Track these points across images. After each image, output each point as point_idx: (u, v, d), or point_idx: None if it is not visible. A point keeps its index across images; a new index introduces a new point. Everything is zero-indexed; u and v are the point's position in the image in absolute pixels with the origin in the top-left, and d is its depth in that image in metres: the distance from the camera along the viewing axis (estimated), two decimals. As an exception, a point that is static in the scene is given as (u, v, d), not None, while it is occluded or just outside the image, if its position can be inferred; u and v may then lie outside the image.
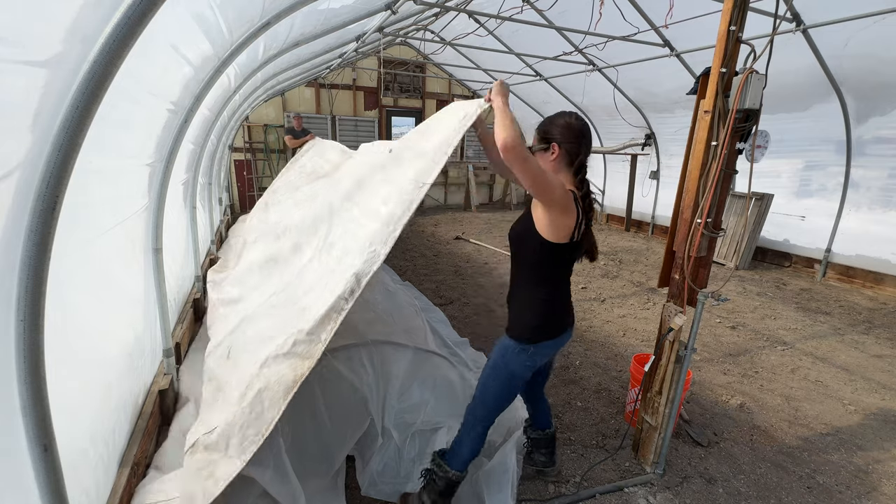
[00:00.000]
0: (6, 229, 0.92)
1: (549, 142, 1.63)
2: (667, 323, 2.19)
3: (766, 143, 5.59)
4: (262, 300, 2.50)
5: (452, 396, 2.43)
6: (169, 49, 1.87)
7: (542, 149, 1.65)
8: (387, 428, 2.17)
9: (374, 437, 2.15)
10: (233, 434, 1.57)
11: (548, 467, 2.23)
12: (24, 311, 0.92)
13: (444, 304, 4.54)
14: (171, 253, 2.76)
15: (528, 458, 2.26)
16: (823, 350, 3.89)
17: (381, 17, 4.16)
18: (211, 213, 5.14)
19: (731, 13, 1.87)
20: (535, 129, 1.70)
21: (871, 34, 4.27)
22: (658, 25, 5.28)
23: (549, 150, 1.63)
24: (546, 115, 8.59)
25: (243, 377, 1.73)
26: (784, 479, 2.35)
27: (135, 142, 1.96)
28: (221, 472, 1.53)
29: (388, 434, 2.16)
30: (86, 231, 1.54)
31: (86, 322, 1.55)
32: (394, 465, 2.10)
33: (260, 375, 1.65)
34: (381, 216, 1.84)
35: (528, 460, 2.26)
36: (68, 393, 1.30)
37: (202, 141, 3.60)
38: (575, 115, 1.67)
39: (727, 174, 2.01)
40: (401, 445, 2.15)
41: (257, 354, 1.78)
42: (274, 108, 8.87)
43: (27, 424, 0.97)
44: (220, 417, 1.65)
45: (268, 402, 1.58)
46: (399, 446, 2.15)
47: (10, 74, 0.89)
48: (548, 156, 1.64)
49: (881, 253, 5.35)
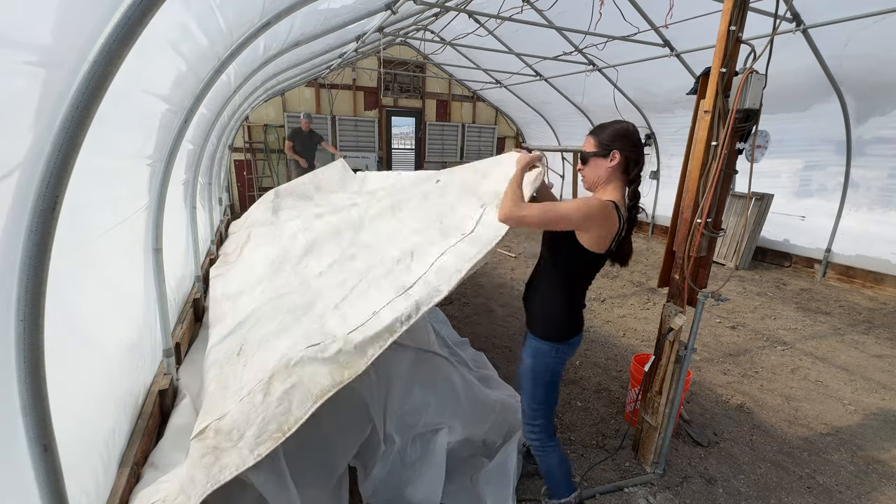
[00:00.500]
0: (6, 229, 0.92)
1: (609, 149, 1.61)
2: (667, 323, 2.19)
3: (766, 143, 5.59)
4: (272, 295, 2.49)
5: (454, 397, 2.42)
6: (169, 49, 1.87)
7: (601, 154, 1.63)
8: (389, 433, 2.15)
9: (376, 444, 2.12)
10: (250, 425, 1.54)
11: None
12: (24, 311, 0.92)
13: (443, 304, 4.54)
14: (171, 253, 2.76)
15: (528, 457, 2.26)
16: (823, 350, 3.89)
17: (381, 17, 4.16)
18: (211, 213, 5.14)
19: (731, 13, 1.87)
20: (589, 136, 1.68)
21: (871, 34, 4.27)
22: (658, 25, 5.28)
23: (608, 157, 1.62)
24: (546, 115, 8.58)
25: (262, 371, 1.70)
26: (784, 479, 2.35)
27: (134, 142, 1.96)
28: (228, 461, 1.50)
29: (390, 440, 2.14)
30: (86, 231, 1.54)
31: (86, 322, 1.55)
32: (396, 472, 2.08)
33: (290, 373, 1.62)
34: (455, 249, 1.87)
35: (529, 459, 2.26)
36: (68, 393, 1.30)
37: (202, 141, 3.59)
38: (633, 125, 1.67)
39: (727, 174, 2.01)
40: (402, 450, 2.13)
41: (281, 350, 1.77)
42: (274, 108, 8.86)
43: (27, 424, 0.97)
44: (234, 407, 1.61)
45: (297, 400, 1.56)
46: (401, 451, 2.13)
47: (11, 74, 0.89)
48: (605, 162, 1.63)
49: (881, 253, 5.35)
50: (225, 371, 1.99)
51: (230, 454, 1.51)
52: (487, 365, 3.19)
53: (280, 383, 1.61)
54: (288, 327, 2.00)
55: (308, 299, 2.24)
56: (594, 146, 1.65)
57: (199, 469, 1.50)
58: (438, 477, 2.03)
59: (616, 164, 1.61)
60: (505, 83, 9.33)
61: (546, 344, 1.76)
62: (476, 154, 11.08)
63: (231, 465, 1.49)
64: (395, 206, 2.65)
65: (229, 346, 2.18)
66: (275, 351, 1.80)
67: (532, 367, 1.80)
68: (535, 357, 1.79)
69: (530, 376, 1.81)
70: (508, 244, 7.26)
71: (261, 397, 1.59)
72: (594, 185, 1.69)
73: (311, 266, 2.67)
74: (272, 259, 3.07)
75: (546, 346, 1.76)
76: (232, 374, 1.92)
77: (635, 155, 1.62)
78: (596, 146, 1.64)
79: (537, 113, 10.09)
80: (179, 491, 1.51)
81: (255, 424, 1.54)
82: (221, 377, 1.96)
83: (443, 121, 10.55)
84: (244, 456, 1.50)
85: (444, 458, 2.06)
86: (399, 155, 10.66)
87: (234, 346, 2.14)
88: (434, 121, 10.45)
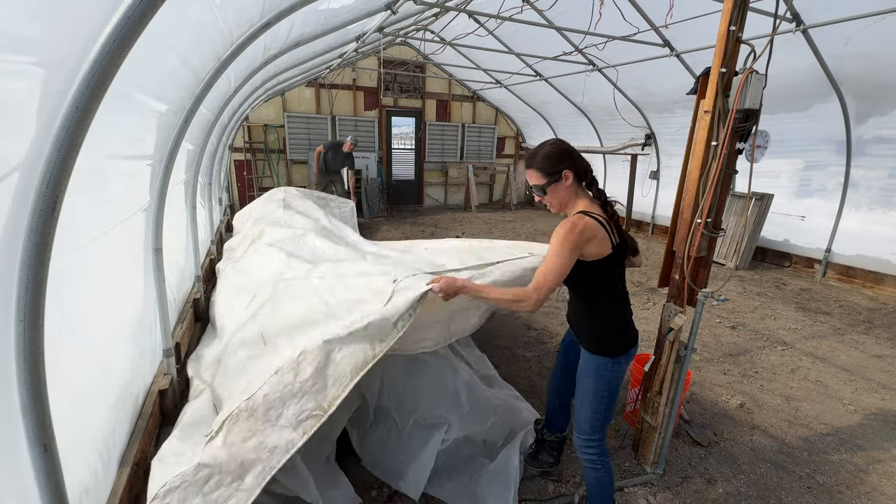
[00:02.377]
0: (6, 229, 0.92)
1: (559, 171, 1.64)
2: (667, 323, 2.19)
3: (765, 143, 5.53)
4: (299, 275, 2.51)
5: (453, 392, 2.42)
6: (169, 49, 1.87)
7: (554, 181, 1.65)
8: (384, 407, 2.17)
9: (365, 414, 2.18)
10: (287, 404, 1.55)
11: (553, 468, 2.24)
12: (23, 311, 0.92)
13: (444, 304, 4.53)
14: (172, 253, 2.76)
15: (532, 458, 2.25)
16: (823, 350, 3.89)
17: (381, 17, 4.16)
18: (211, 213, 5.14)
19: (731, 13, 1.87)
20: (531, 170, 1.69)
21: (871, 34, 4.27)
22: (658, 25, 5.28)
23: (562, 180, 1.64)
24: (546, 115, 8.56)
25: (292, 350, 1.72)
26: (784, 479, 2.35)
27: (135, 142, 1.96)
28: (273, 441, 1.50)
29: (384, 412, 2.17)
30: (86, 231, 1.54)
31: (85, 322, 1.55)
32: (395, 443, 2.14)
33: (325, 352, 1.64)
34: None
35: (532, 461, 2.25)
36: (68, 393, 1.30)
37: (202, 141, 3.60)
38: (554, 139, 1.73)
39: (727, 174, 2.01)
40: (401, 427, 2.18)
41: (309, 332, 1.79)
42: (274, 108, 8.86)
43: (27, 424, 0.97)
44: (261, 389, 1.62)
45: (332, 378, 1.59)
46: (399, 426, 2.18)
47: (11, 74, 0.89)
48: (562, 184, 1.65)
49: (881, 253, 5.35)
50: (251, 355, 2.00)
51: (270, 435, 1.52)
52: (489, 365, 3.19)
53: (310, 362, 1.62)
54: (314, 307, 2.02)
55: (329, 284, 2.28)
56: (544, 177, 1.66)
57: (250, 452, 1.50)
58: (425, 467, 2.06)
59: (572, 181, 1.65)
60: (505, 83, 9.33)
61: (603, 359, 1.72)
62: (476, 154, 11.08)
63: (282, 445, 1.50)
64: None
65: (252, 333, 2.19)
66: (303, 331, 1.82)
67: (594, 385, 1.75)
68: (594, 374, 1.75)
69: (591, 393, 1.76)
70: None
71: (291, 377, 1.60)
72: (563, 207, 1.71)
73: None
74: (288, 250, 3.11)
75: (603, 361, 1.72)
76: (258, 356, 1.93)
77: (582, 165, 1.67)
78: (546, 175, 1.65)
79: (537, 113, 10.09)
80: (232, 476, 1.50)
81: (293, 404, 1.55)
82: (244, 364, 1.97)
83: (443, 121, 10.54)
84: (289, 434, 1.52)
85: (435, 452, 2.09)
86: (399, 155, 10.65)
87: (255, 331, 2.15)
88: (434, 121, 10.45)
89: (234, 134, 8.03)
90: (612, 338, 1.73)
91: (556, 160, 1.64)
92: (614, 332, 1.73)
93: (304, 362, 1.62)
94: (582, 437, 1.83)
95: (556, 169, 1.63)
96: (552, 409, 2.19)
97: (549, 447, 2.23)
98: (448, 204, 11.11)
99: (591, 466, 1.83)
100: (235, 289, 2.93)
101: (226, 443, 1.50)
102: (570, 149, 1.68)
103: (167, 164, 2.30)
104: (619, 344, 1.73)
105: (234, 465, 1.47)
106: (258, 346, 2.04)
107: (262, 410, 1.55)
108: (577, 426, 1.84)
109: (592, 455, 1.82)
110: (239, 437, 1.51)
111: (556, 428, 2.21)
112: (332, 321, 1.77)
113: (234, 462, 1.47)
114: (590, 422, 1.79)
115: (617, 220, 1.70)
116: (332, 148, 7.75)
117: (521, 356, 3.50)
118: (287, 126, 8.94)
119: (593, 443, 1.81)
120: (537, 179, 1.68)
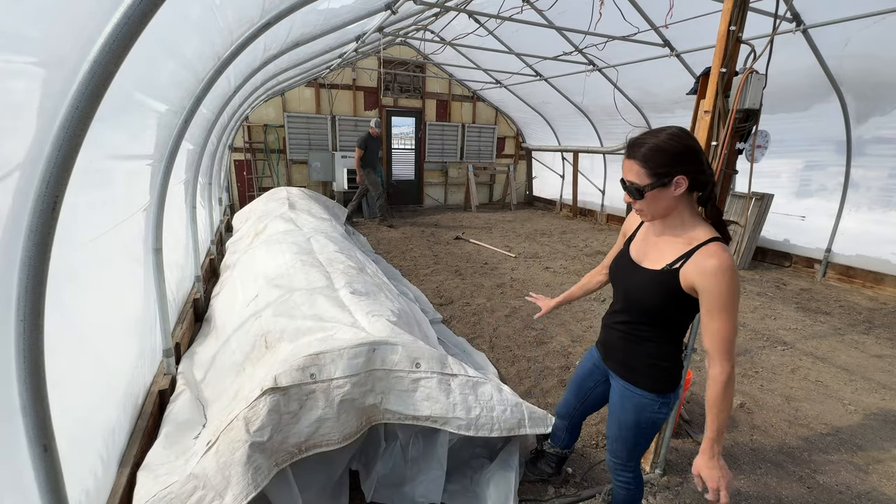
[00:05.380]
0: (6, 229, 0.92)
1: (670, 175, 1.24)
2: (667, 323, 2.19)
3: (766, 143, 5.53)
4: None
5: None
6: (169, 49, 1.87)
7: (658, 185, 1.25)
8: (391, 430, 2.15)
9: (377, 442, 2.12)
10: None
11: (552, 478, 2.21)
12: (24, 311, 0.92)
13: (444, 303, 4.54)
14: (172, 253, 2.76)
15: (531, 465, 2.21)
16: (823, 350, 3.89)
17: (381, 17, 4.16)
18: (211, 213, 5.14)
19: (731, 13, 1.87)
20: (632, 161, 1.29)
21: (871, 34, 4.27)
22: (658, 25, 5.28)
23: (669, 186, 1.25)
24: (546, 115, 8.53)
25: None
26: (784, 479, 2.35)
27: (135, 142, 1.96)
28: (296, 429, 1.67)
29: (392, 436, 2.14)
30: (86, 231, 1.54)
31: (85, 322, 1.55)
32: (399, 469, 2.08)
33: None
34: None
35: (531, 468, 2.21)
36: (68, 393, 1.30)
37: (202, 141, 3.60)
38: (678, 127, 1.27)
39: (727, 174, 2.01)
40: (405, 446, 2.13)
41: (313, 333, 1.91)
42: (274, 108, 8.86)
43: (27, 424, 0.97)
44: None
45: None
46: (403, 447, 2.13)
47: (11, 74, 0.89)
48: (668, 192, 1.26)
49: (881, 253, 5.35)
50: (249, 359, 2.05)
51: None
52: (488, 365, 3.19)
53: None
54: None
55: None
56: (648, 176, 1.26)
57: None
58: (440, 473, 2.02)
59: (683, 192, 1.27)
60: (505, 83, 9.33)
61: (651, 397, 1.51)
62: (476, 154, 11.08)
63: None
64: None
65: (257, 336, 2.25)
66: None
67: (636, 422, 1.55)
68: (638, 412, 1.54)
69: (633, 429, 1.57)
70: (508, 245, 7.26)
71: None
72: (657, 218, 1.38)
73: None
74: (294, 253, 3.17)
75: (651, 399, 1.51)
76: (259, 359, 1.97)
77: (705, 173, 1.27)
78: (651, 175, 1.26)
79: (537, 113, 10.09)
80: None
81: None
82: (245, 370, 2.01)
83: (443, 121, 10.54)
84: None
85: (445, 454, 2.06)
86: (399, 155, 10.64)
87: (259, 333, 2.21)
88: (434, 121, 10.44)
89: (234, 134, 8.04)
90: (672, 375, 1.51)
91: (672, 158, 1.23)
92: (674, 369, 1.51)
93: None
94: (617, 461, 1.69)
95: (669, 171, 1.24)
96: (558, 428, 2.08)
97: (551, 459, 2.16)
98: (448, 204, 11.10)
99: (625, 488, 1.72)
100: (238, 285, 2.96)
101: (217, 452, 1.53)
102: (696, 147, 1.26)
103: (167, 163, 2.30)
104: (675, 382, 1.53)
105: (219, 479, 1.49)
106: (259, 348, 2.05)
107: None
108: (613, 453, 1.68)
109: (628, 478, 1.70)
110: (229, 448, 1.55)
111: (565, 445, 2.11)
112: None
113: (220, 475, 1.49)
114: (629, 451, 1.64)
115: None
116: (367, 144, 7.86)
117: (521, 356, 3.50)
118: (287, 126, 8.94)
119: (629, 468, 1.68)
120: (636, 177, 1.28)
